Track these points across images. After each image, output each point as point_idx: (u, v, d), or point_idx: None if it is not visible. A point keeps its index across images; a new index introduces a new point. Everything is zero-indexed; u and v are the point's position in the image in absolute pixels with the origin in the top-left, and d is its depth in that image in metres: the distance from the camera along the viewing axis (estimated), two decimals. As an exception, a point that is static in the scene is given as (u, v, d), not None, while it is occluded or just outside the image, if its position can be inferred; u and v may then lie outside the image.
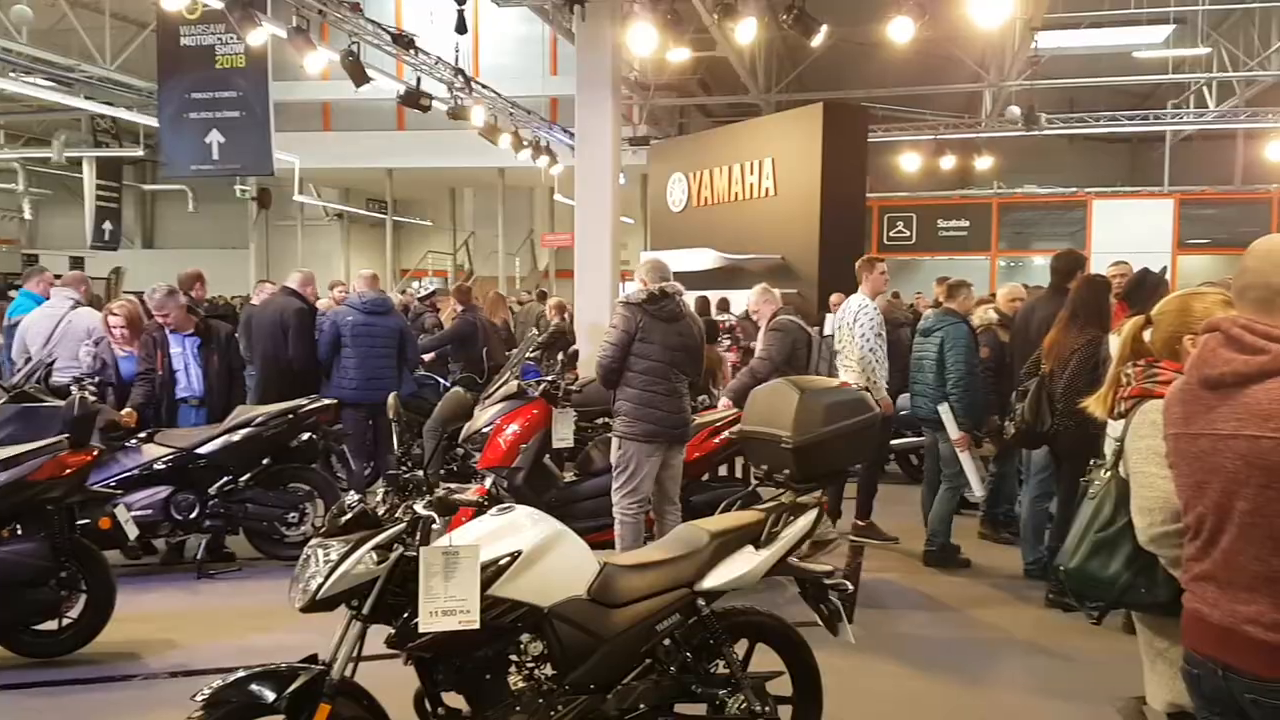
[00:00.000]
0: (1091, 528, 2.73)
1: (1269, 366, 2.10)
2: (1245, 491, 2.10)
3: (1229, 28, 16.59)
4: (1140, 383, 2.71)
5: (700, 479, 6.16)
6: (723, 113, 21.20)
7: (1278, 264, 2.19)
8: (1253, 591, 2.12)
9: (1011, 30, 13.92)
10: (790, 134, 12.75)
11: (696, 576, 3.32)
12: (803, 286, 12.22)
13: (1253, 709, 2.15)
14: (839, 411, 3.60)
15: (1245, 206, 18.97)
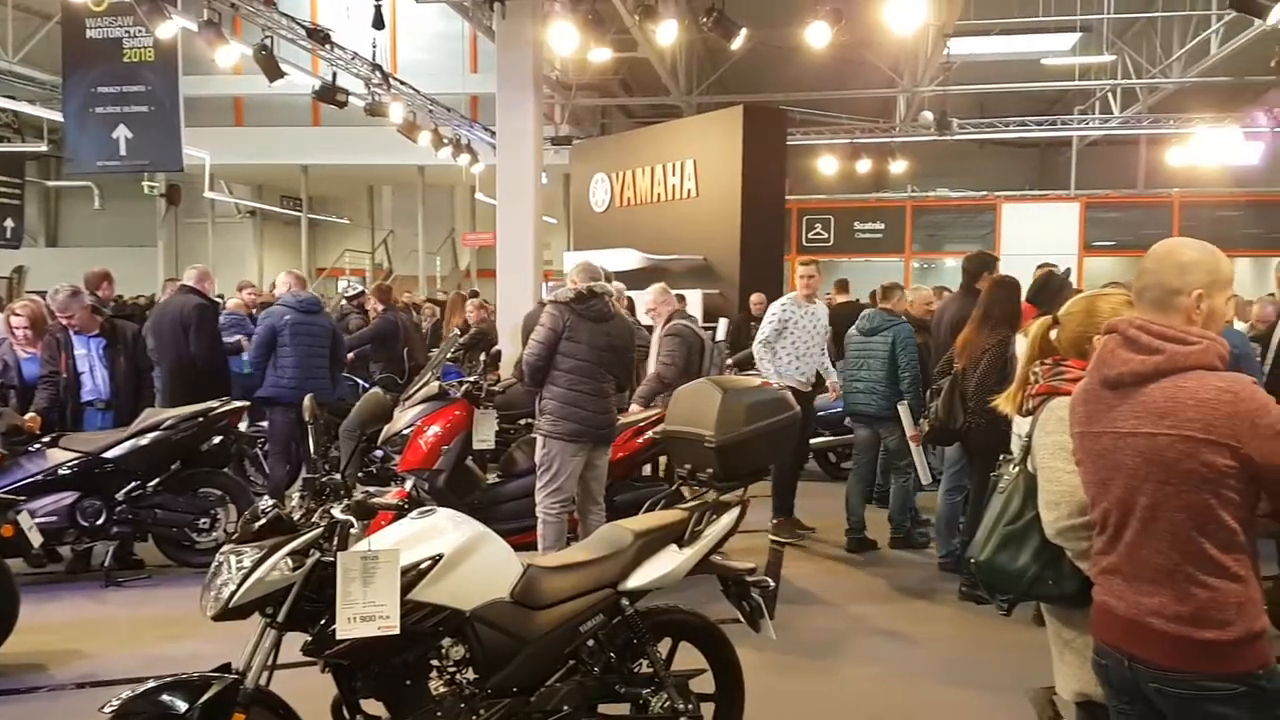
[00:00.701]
0: (1001, 521, 2.79)
1: (1164, 366, 2.18)
2: (1146, 487, 2.19)
3: (1133, 36, 17.21)
4: (1047, 380, 2.80)
5: (624, 479, 6.17)
6: (644, 113, 21.28)
7: (1173, 266, 2.27)
8: (1155, 584, 2.20)
9: (925, 37, 14.25)
10: (711, 136, 12.86)
11: (620, 576, 3.32)
12: (724, 287, 12.34)
13: (1157, 698, 2.24)
14: (760, 411, 3.64)
15: (1148, 210, 19.69)
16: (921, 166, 21.69)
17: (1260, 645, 2.14)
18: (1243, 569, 2.14)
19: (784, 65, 15.75)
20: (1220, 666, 2.13)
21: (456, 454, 5.79)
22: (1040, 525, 2.67)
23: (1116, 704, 2.41)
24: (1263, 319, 7.05)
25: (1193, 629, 2.14)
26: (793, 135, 17.22)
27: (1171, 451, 2.13)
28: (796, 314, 7.02)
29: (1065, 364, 2.79)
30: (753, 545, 6.86)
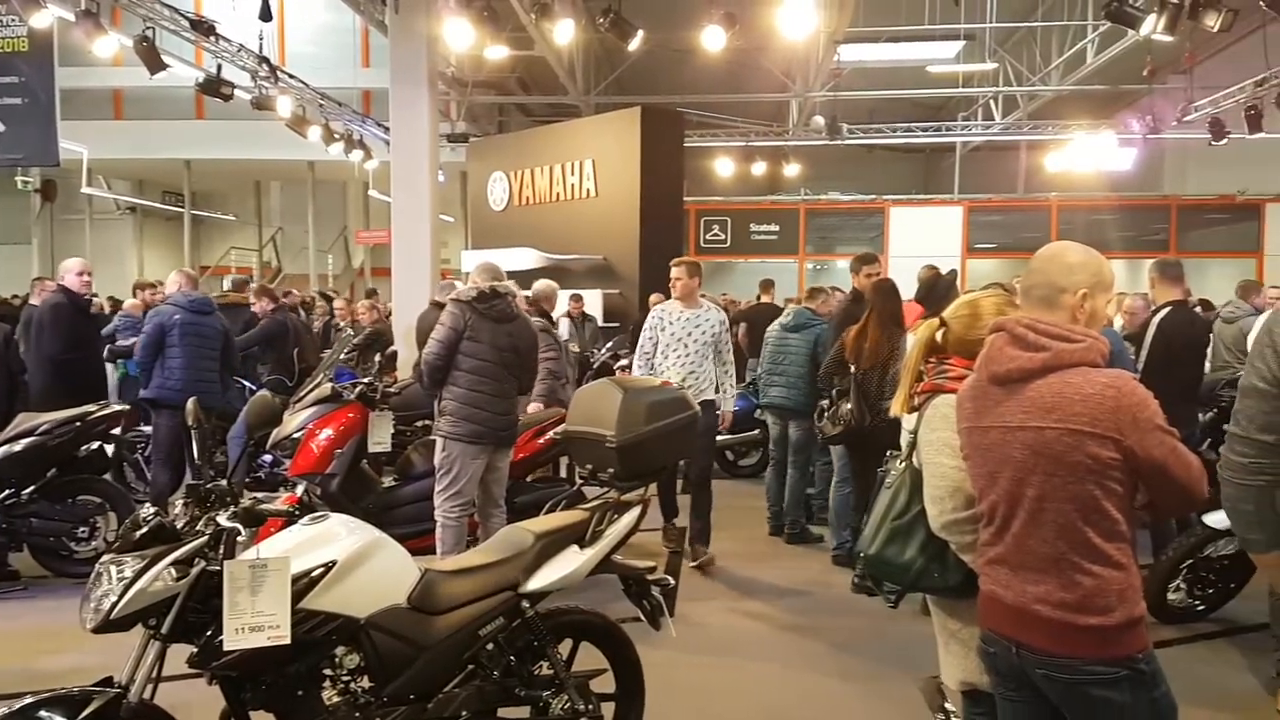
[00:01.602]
0: (888, 516, 2.85)
1: (1050, 362, 2.27)
2: (1034, 479, 2.27)
3: (1014, 44, 17.89)
4: (932, 378, 2.87)
5: (525, 480, 6.13)
6: (542, 112, 21.19)
7: (1060, 267, 2.37)
8: (1041, 573, 2.28)
9: (816, 43, 14.55)
10: (610, 136, 12.87)
11: (521, 579, 3.29)
12: (624, 287, 12.37)
13: (1044, 683, 2.32)
14: (661, 410, 3.66)
15: (1027, 213, 20.48)
16: (814, 170, 22.14)
17: (1140, 630, 2.24)
18: (1124, 557, 2.25)
19: (681, 67, 15.90)
20: (1103, 651, 2.22)
21: (350, 457, 5.66)
22: (926, 519, 2.73)
23: (1003, 691, 2.49)
24: (1131, 311, 7.40)
25: (1077, 615, 2.22)
26: (689, 137, 17.37)
27: (1059, 444, 2.22)
28: (668, 320, 6.39)
29: (949, 362, 2.87)
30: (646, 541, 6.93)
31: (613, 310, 12.31)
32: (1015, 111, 18.42)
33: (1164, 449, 2.20)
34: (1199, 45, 14.42)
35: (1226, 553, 5.16)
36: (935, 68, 17.04)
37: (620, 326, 11.64)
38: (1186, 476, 2.23)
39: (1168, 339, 5.60)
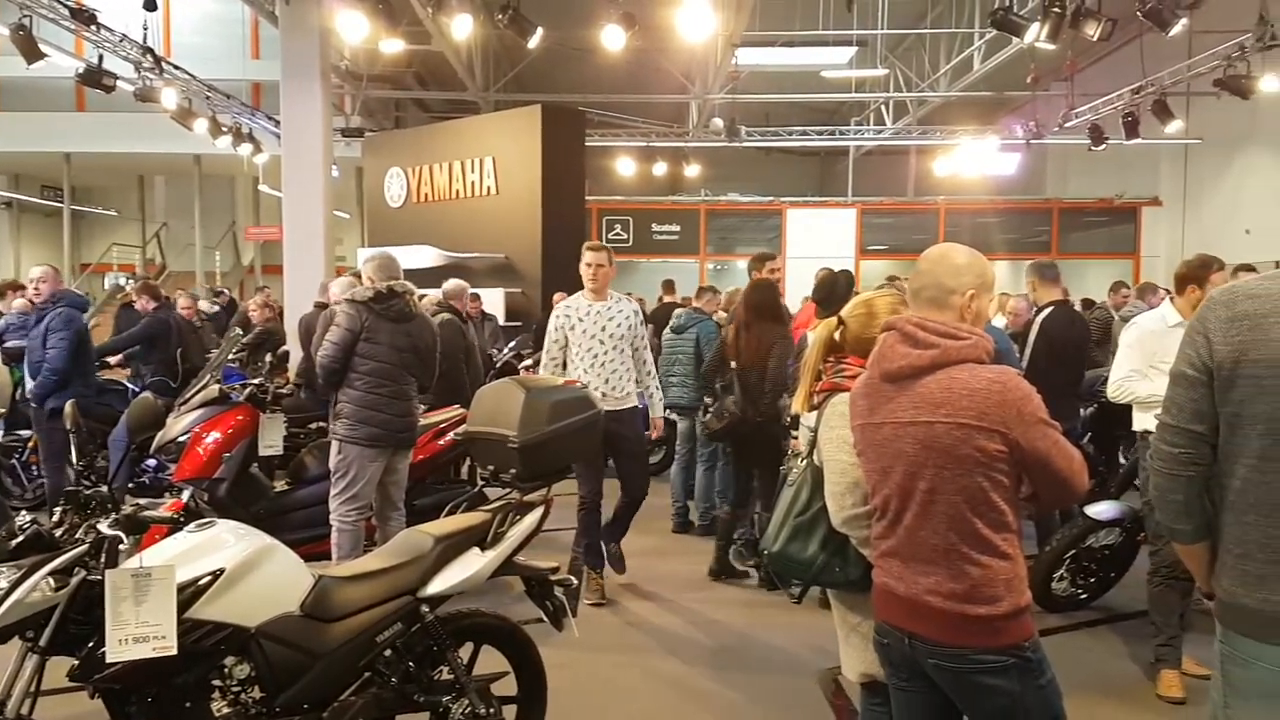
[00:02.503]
0: (791, 513, 2.90)
1: (939, 359, 2.34)
2: (924, 472, 2.33)
3: (904, 51, 18.38)
4: (830, 377, 2.93)
5: (425, 481, 6.01)
6: (441, 108, 20.90)
7: (948, 268, 2.44)
8: (932, 564, 2.34)
9: (714, 45, 14.70)
10: (510, 134, 12.77)
11: (419, 583, 3.23)
12: (526, 286, 12.29)
13: (935, 673, 2.38)
14: (564, 409, 3.63)
15: (917, 216, 21.07)
16: (714, 171, 22.39)
17: (1026, 619, 2.32)
18: (1010, 548, 2.32)
19: (581, 66, 15.89)
20: (991, 640, 2.29)
21: (240, 461, 5.46)
22: (827, 515, 2.79)
23: (896, 681, 2.55)
24: (1015, 311, 7.66)
25: (966, 605, 2.29)
26: (591, 136, 17.35)
27: (948, 438, 2.28)
28: (576, 317, 5.68)
29: (846, 360, 2.93)
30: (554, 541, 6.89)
31: (515, 309, 12.22)
32: (905, 117, 18.92)
33: (1047, 442, 2.27)
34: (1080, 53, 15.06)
35: (1108, 543, 5.39)
36: (829, 73, 17.40)
37: (523, 326, 11.55)
38: (1069, 469, 2.31)
39: (1050, 337, 5.82)
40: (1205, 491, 2.00)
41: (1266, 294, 1.89)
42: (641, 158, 19.85)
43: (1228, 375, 1.89)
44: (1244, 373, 1.87)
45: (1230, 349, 1.89)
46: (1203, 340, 1.93)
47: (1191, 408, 1.95)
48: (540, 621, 3.60)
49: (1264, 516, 1.88)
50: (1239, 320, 1.89)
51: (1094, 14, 9.27)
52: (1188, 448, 1.96)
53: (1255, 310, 1.88)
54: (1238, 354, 1.88)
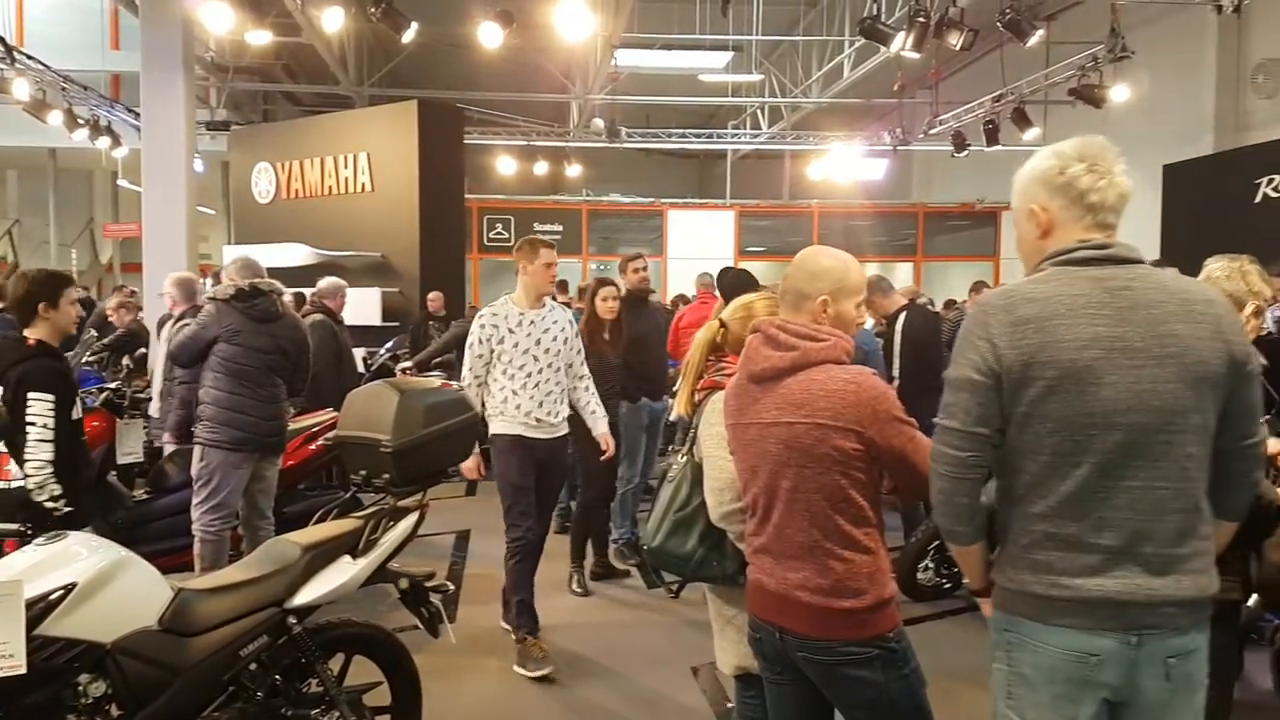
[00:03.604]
0: (671, 508, 2.93)
1: (799, 361, 2.41)
2: (787, 471, 2.39)
3: (778, 57, 18.77)
4: (711, 376, 2.98)
5: (296, 488, 5.84)
6: (313, 102, 20.30)
7: (807, 273, 2.53)
8: (799, 560, 2.40)
9: (594, 46, 14.72)
10: (385, 129, 12.52)
11: (286, 594, 3.13)
12: (404, 285, 12.06)
13: (805, 665, 2.44)
14: (440, 412, 3.56)
15: (792, 219, 21.53)
16: (596, 171, 22.41)
17: (890, 610, 2.40)
18: (872, 542, 2.39)
19: (460, 63, 15.67)
20: (857, 632, 2.36)
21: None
22: (706, 511, 2.83)
23: (769, 675, 2.61)
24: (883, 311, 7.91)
25: (833, 599, 2.36)
26: (470, 134, 17.15)
27: (807, 438, 2.35)
28: (508, 327, 4.81)
29: (726, 360, 2.98)
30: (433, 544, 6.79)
31: (392, 309, 11.97)
32: (780, 122, 19.31)
33: (903, 438, 2.36)
34: (944, 63, 15.68)
35: (970, 533, 5.62)
36: (706, 76, 17.64)
37: (400, 326, 11.32)
38: (925, 462, 2.40)
39: (911, 338, 6.16)
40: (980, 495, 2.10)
41: (1045, 297, 1.98)
42: (522, 157, 19.72)
43: (1018, 377, 1.96)
44: (1034, 374, 1.95)
45: (1018, 352, 1.96)
46: (987, 345, 1.99)
47: (978, 412, 2.01)
48: (416, 629, 3.54)
49: (1053, 509, 1.99)
50: (1023, 324, 1.97)
51: (956, 24, 9.66)
52: (975, 451, 2.03)
53: (1038, 314, 1.97)
54: (1027, 357, 1.95)
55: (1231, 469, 2.04)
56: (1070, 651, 1.98)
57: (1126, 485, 1.94)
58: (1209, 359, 1.94)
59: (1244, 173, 12.10)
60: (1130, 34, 12.91)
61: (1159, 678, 1.97)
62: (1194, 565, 1.98)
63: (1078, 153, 2.06)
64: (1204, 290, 2.02)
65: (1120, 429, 1.92)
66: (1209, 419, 1.97)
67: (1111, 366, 1.92)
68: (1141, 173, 14.96)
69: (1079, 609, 1.97)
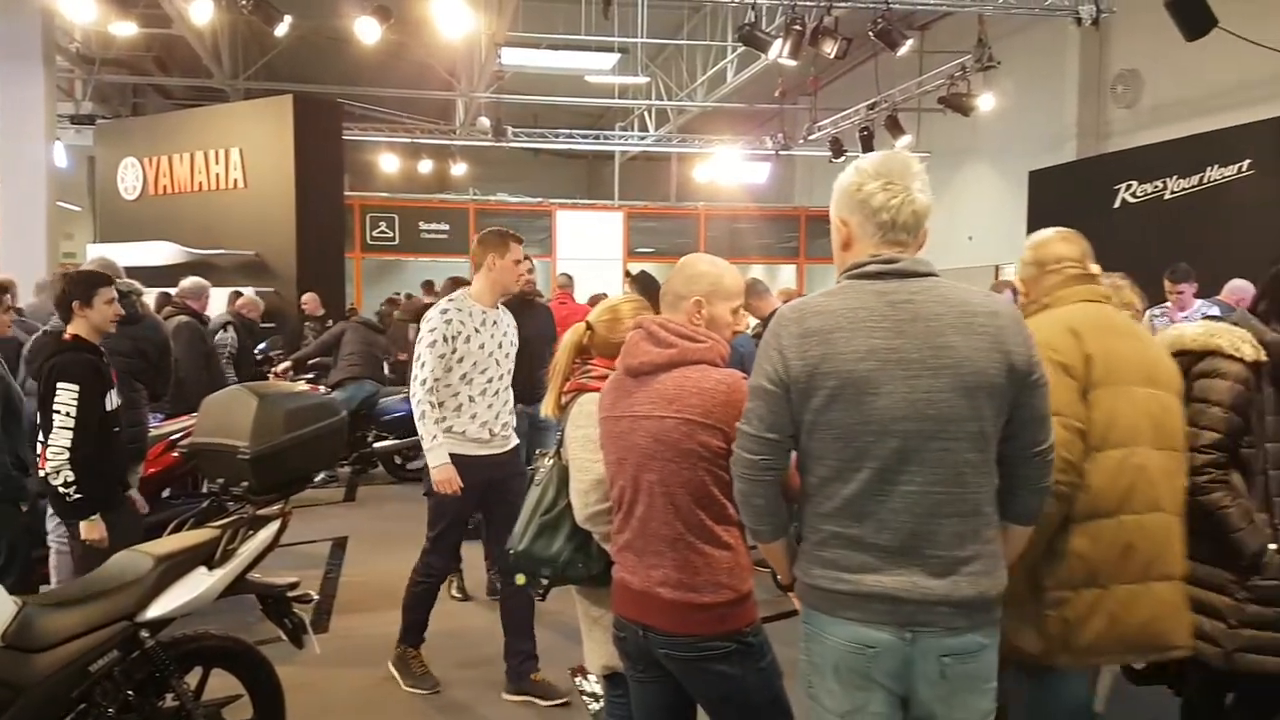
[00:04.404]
0: (537, 512, 2.95)
1: (676, 358, 2.48)
2: (654, 465, 2.45)
3: (664, 60, 18.91)
4: (577, 378, 3.00)
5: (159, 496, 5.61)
6: (186, 95, 19.56)
7: (684, 276, 2.62)
8: (661, 556, 2.45)
9: (479, 44, 14.59)
10: (259, 125, 12.17)
11: (138, 606, 3.03)
12: (280, 285, 11.74)
13: (667, 662, 2.49)
14: (301, 417, 3.49)
15: (679, 220, 21.74)
16: (483, 170, 22.19)
17: (748, 605, 2.47)
18: (732, 538, 2.46)
19: (342, 58, 15.30)
20: (716, 627, 2.42)
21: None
22: (572, 513, 2.85)
23: (633, 672, 2.65)
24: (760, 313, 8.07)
25: (693, 595, 2.41)
26: (350, 130, 16.77)
27: (676, 433, 2.41)
28: (472, 326, 4.36)
29: (592, 362, 3.01)
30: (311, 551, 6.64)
31: (268, 309, 11.61)
32: (667, 124, 19.47)
33: None
34: (822, 70, 16.05)
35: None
36: (592, 78, 17.66)
37: (275, 327, 11.01)
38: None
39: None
40: (780, 492, 2.19)
41: (830, 310, 2.08)
42: (407, 154, 19.39)
43: (804, 387, 2.05)
44: (817, 384, 2.04)
45: (804, 363, 2.05)
46: (778, 356, 2.09)
47: (770, 419, 2.11)
48: (280, 640, 3.46)
49: (838, 510, 2.08)
50: (809, 336, 2.06)
51: (831, 33, 9.92)
52: (766, 454, 2.13)
53: (823, 326, 2.06)
54: (811, 367, 2.05)
55: (1019, 475, 2.12)
56: (850, 643, 2.07)
57: (903, 490, 2.01)
58: (985, 369, 2.00)
59: (1104, 179, 12.69)
60: (998, 44, 13.46)
61: (934, 675, 2.04)
62: (974, 568, 2.04)
63: (876, 169, 2.14)
64: (989, 302, 2.09)
65: (896, 436, 2.00)
66: (987, 427, 2.03)
67: (888, 377, 2.00)
68: (1008, 178, 15.71)
69: (859, 603, 2.05)
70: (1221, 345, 2.95)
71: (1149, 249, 9.23)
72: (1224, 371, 2.93)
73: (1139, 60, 13.44)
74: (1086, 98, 14.43)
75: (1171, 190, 11.58)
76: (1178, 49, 9.80)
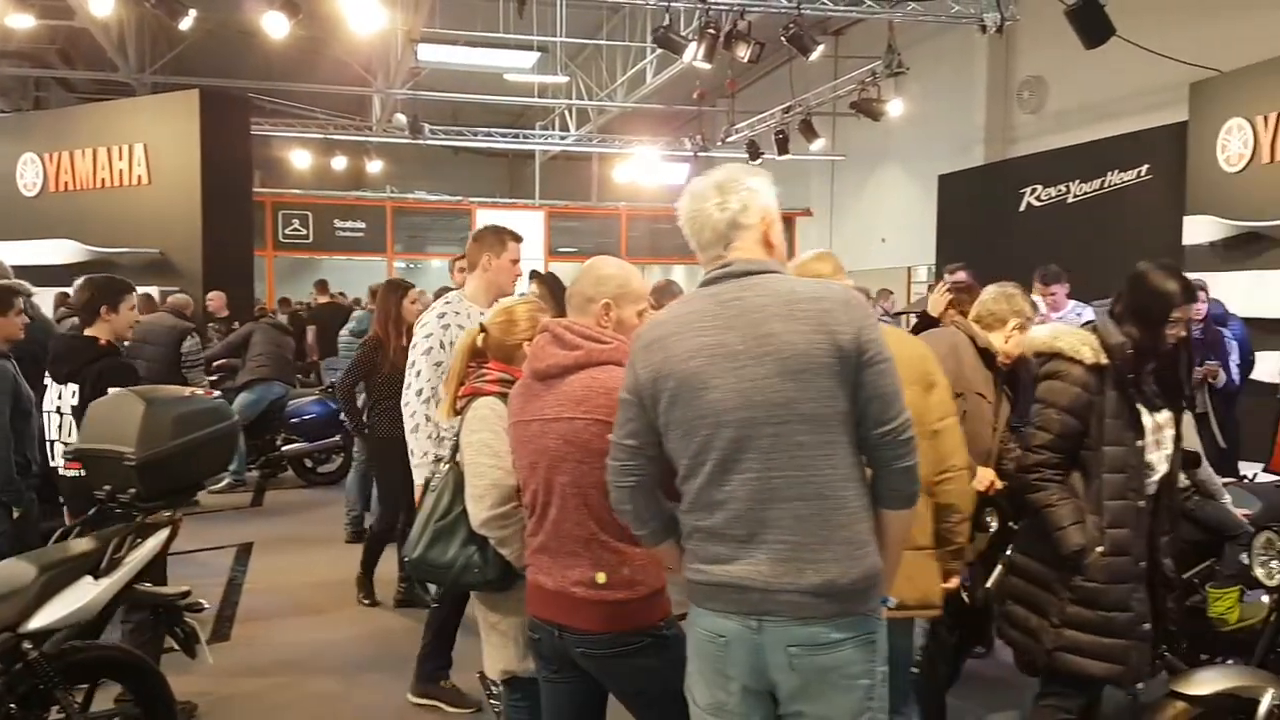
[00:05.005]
0: (432, 518, 2.93)
1: (583, 360, 2.50)
2: (565, 466, 2.47)
3: (584, 60, 18.89)
4: (472, 382, 2.99)
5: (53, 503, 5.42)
6: (90, 89, 18.91)
7: (590, 279, 2.63)
8: (575, 556, 2.47)
9: (395, 40, 14.40)
10: (164, 119, 11.82)
11: (20, 618, 2.94)
12: (185, 284, 11.39)
13: (583, 661, 2.52)
14: (191, 422, 3.40)
15: (601, 220, 21.77)
16: (400, 168, 21.92)
17: (662, 599, 2.50)
18: None
19: (253, 52, 14.97)
20: (631, 623, 2.46)
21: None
22: (468, 518, 2.83)
23: (547, 674, 2.66)
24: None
25: (608, 592, 2.44)
26: (261, 125, 16.41)
27: (586, 433, 2.43)
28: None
29: (487, 366, 3.00)
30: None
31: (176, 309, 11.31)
32: (587, 124, 19.45)
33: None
34: (739, 74, 16.21)
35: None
36: (512, 76, 17.55)
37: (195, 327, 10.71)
38: None
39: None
40: (656, 496, 2.24)
41: (668, 318, 2.18)
42: (321, 151, 19.02)
43: (651, 393, 2.14)
44: (660, 388, 2.12)
45: (648, 370, 2.14)
46: (630, 367, 2.20)
47: (628, 426, 2.19)
48: (173, 650, 3.39)
49: (693, 505, 2.15)
50: (652, 345, 2.16)
51: (744, 37, 10.01)
52: (629, 461, 2.20)
53: (661, 334, 2.15)
54: (654, 373, 2.13)
55: (875, 457, 2.13)
56: (707, 633, 2.13)
57: (743, 478, 2.06)
58: (809, 351, 2.03)
59: (1010, 183, 13.04)
60: (909, 51, 13.74)
61: (784, 667, 2.06)
62: (823, 555, 2.04)
63: (690, 192, 2.24)
64: (817, 289, 2.14)
65: (731, 425, 2.05)
66: (821, 408, 2.03)
67: (717, 371, 2.06)
68: (920, 181, 16.06)
69: (714, 593, 2.11)
70: (1062, 348, 3.05)
71: (1053, 251, 9.49)
72: (1064, 374, 3.03)
73: (1044, 67, 13.86)
74: (994, 103, 14.83)
75: (1074, 194, 11.95)
76: (1080, 57, 10.11)
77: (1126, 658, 2.98)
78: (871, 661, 2.10)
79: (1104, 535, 2.97)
